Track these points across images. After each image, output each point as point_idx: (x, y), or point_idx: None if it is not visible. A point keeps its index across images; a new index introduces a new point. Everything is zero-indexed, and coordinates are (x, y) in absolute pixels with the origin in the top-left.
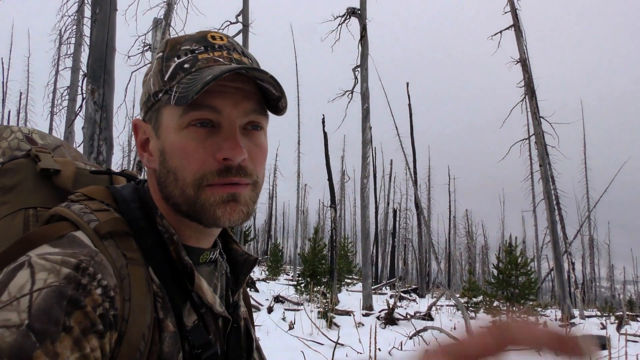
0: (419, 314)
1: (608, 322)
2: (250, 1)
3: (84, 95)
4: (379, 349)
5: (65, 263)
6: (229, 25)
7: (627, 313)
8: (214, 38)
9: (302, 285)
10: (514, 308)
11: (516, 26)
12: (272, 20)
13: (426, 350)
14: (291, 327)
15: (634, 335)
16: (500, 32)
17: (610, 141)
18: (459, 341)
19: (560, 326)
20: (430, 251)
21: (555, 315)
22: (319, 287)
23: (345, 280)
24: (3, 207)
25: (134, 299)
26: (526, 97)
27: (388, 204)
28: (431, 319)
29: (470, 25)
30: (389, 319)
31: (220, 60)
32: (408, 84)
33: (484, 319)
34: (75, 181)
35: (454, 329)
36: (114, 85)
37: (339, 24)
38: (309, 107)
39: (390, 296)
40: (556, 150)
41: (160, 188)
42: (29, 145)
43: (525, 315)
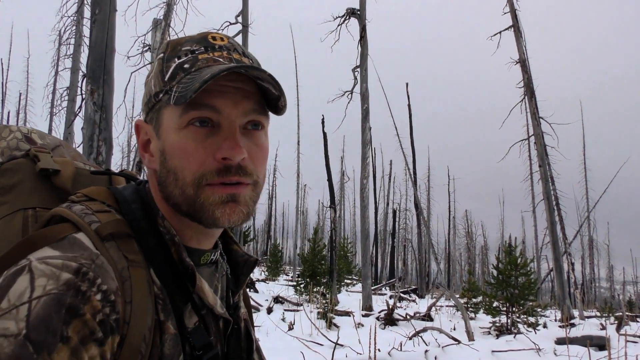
0: (418, 315)
1: (608, 323)
2: (250, 2)
3: (84, 95)
4: (379, 350)
5: (65, 267)
6: (228, 25)
7: (627, 313)
8: (214, 39)
9: (302, 285)
10: (514, 308)
11: (515, 27)
12: (272, 20)
13: None
14: (291, 328)
15: (634, 335)
16: (500, 33)
17: (609, 142)
18: None
19: (560, 327)
20: (430, 251)
21: (555, 316)
22: (318, 288)
23: (345, 280)
24: (2, 208)
25: (135, 302)
26: (525, 98)
27: (388, 204)
28: (431, 320)
29: (470, 25)
30: (389, 319)
31: (220, 60)
32: (407, 84)
33: (483, 320)
34: (74, 181)
35: (454, 329)
36: (113, 86)
37: (339, 25)
38: (309, 108)
39: (390, 297)
40: (556, 151)
41: (160, 188)
42: (28, 145)
43: (525, 316)
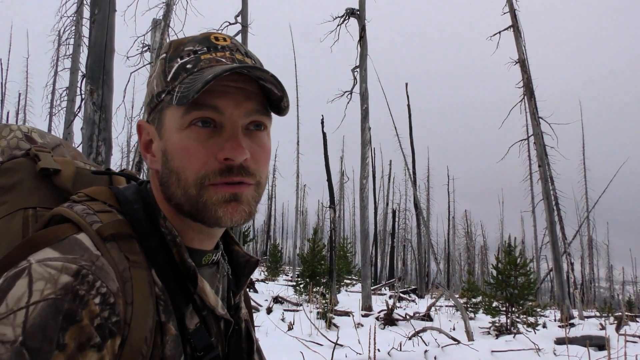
0: (418, 315)
1: (607, 323)
2: (250, 2)
3: (83, 96)
4: (378, 350)
5: (64, 269)
6: (228, 25)
7: (626, 313)
8: (217, 39)
9: (301, 285)
10: (513, 308)
11: (515, 27)
12: (271, 21)
13: None
14: (290, 328)
15: (633, 335)
16: (499, 33)
17: (609, 142)
18: None
19: (559, 327)
20: (430, 252)
21: (555, 316)
22: (318, 288)
23: (345, 280)
24: (2, 207)
25: (136, 303)
26: (525, 98)
27: (387, 204)
28: (430, 320)
29: (470, 25)
30: (388, 319)
31: (223, 60)
32: (407, 84)
33: (483, 320)
34: (75, 181)
35: (453, 329)
36: (112, 86)
37: (338, 25)
38: (308, 108)
39: (390, 297)
40: (555, 151)
41: (162, 189)
42: (29, 144)
43: (525, 316)
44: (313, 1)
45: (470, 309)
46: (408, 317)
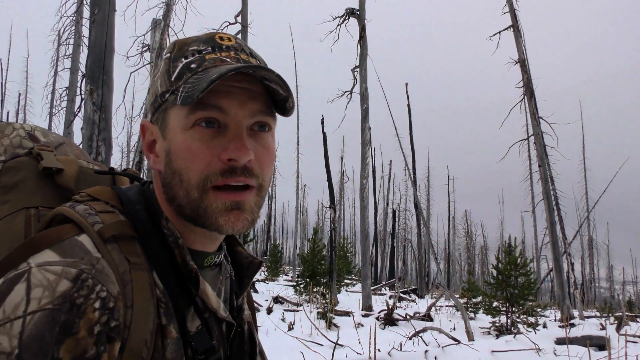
0: (418, 315)
1: (607, 323)
2: (249, 2)
3: (83, 96)
4: (379, 350)
5: (64, 274)
6: (227, 25)
7: (627, 313)
8: (221, 39)
9: (302, 285)
10: (514, 309)
11: (515, 27)
12: (271, 21)
13: None
14: (290, 328)
15: (634, 335)
16: (499, 33)
17: (609, 142)
18: None
19: (559, 327)
20: (430, 252)
21: (555, 316)
22: (318, 288)
23: (345, 280)
24: (4, 207)
25: (137, 305)
26: (525, 98)
27: (387, 204)
28: (430, 320)
29: (470, 25)
30: (389, 319)
31: (228, 60)
32: (407, 84)
33: (483, 320)
34: (77, 180)
35: (454, 329)
36: (112, 86)
37: (338, 25)
38: (308, 108)
39: (390, 297)
40: (555, 151)
41: (165, 190)
42: (32, 142)
43: (525, 316)
44: (313, 1)
45: (470, 309)
46: (408, 317)
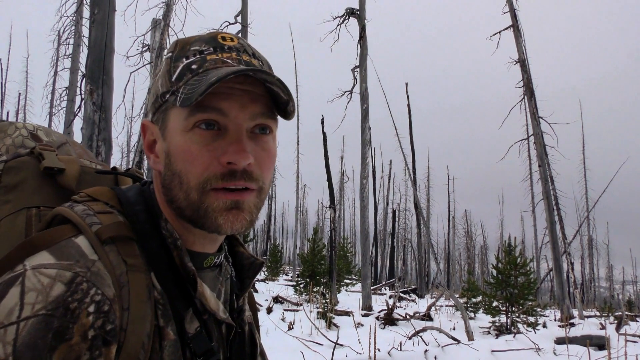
0: (418, 314)
1: (607, 323)
2: (249, 2)
3: (83, 95)
4: (379, 349)
5: (59, 277)
6: (227, 25)
7: (626, 313)
8: (224, 39)
9: (302, 285)
10: (513, 308)
11: (515, 26)
12: (271, 20)
13: None
14: (290, 328)
15: (633, 335)
16: (499, 33)
17: (609, 141)
18: None
19: (559, 326)
20: (430, 251)
21: (555, 316)
22: (318, 288)
23: (345, 280)
24: (5, 206)
25: (133, 307)
26: (525, 97)
27: (387, 204)
28: (430, 320)
29: (470, 25)
30: (388, 319)
31: (229, 61)
32: (407, 84)
33: (483, 319)
34: (79, 180)
35: (453, 329)
36: (112, 86)
37: (338, 25)
38: (308, 108)
39: (390, 296)
40: (555, 150)
41: (164, 191)
42: (34, 142)
43: (525, 316)
44: (313, 1)
45: (470, 309)
46: (408, 317)
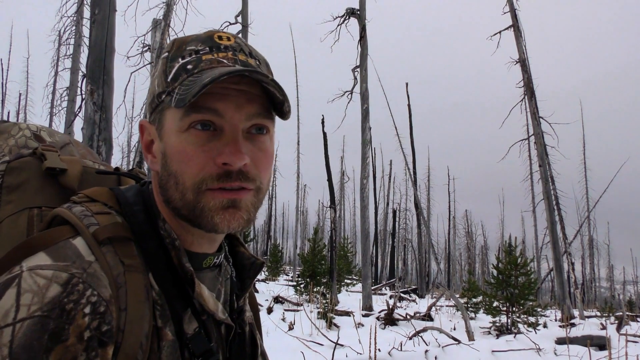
0: (418, 315)
1: (608, 323)
2: (250, 2)
3: (83, 96)
4: (379, 350)
5: (55, 278)
6: (228, 25)
7: (627, 313)
8: (220, 38)
9: (302, 285)
10: (514, 308)
11: (515, 26)
12: (272, 21)
13: None
14: (291, 328)
15: (634, 335)
16: (500, 33)
17: (609, 141)
18: None
19: (560, 326)
20: (430, 251)
21: (555, 316)
22: (318, 288)
23: (345, 280)
24: (8, 207)
25: (131, 308)
26: (525, 97)
27: (388, 204)
28: (431, 320)
29: (470, 25)
30: (389, 319)
31: (224, 61)
32: (407, 84)
33: (483, 320)
34: (81, 180)
35: (454, 329)
36: (113, 86)
37: (339, 25)
38: (309, 108)
39: (390, 296)
40: (555, 150)
41: (161, 191)
42: (37, 143)
43: (525, 316)
44: (313, 1)
45: (470, 309)
46: (409, 317)
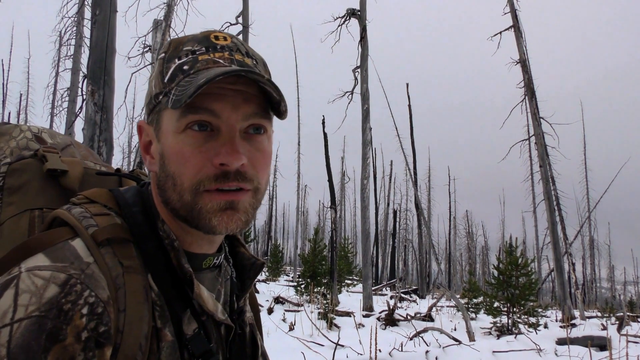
0: (419, 315)
1: (609, 323)
2: (250, 2)
3: (84, 96)
4: (380, 350)
5: (53, 279)
6: (229, 26)
7: (628, 314)
8: (217, 38)
9: (302, 286)
10: (515, 309)
11: (516, 27)
12: (272, 21)
13: None
14: (291, 328)
15: (635, 336)
16: (500, 33)
17: (610, 142)
18: None
19: (561, 327)
20: (431, 252)
21: (556, 316)
22: (319, 288)
23: (346, 281)
24: (9, 208)
25: (130, 309)
26: (526, 98)
27: (388, 204)
28: (431, 320)
29: (471, 26)
30: (390, 319)
31: (221, 61)
32: (408, 84)
33: (484, 320)
34: (82, 182)
35: (455, 330)
36: (114, 87)
37: (339, 25)
38: (309, 108)
39: (391, 297)
40: (556, 151)
41: (159, 192)
42: (38, 144)
43: (526, 316)
44: (314, 2)
45: (471, 310)
46: (409, 318)
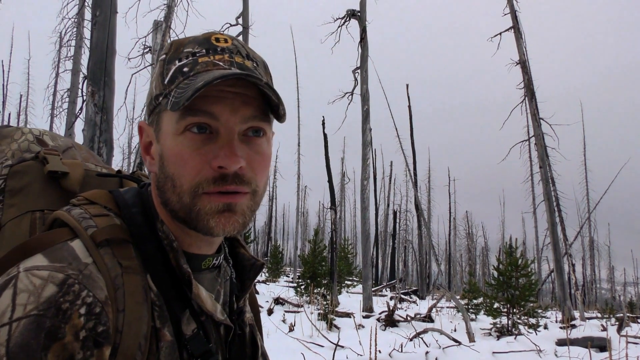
0: (419, 316)
1: (609, 324)
2: (251, 3)
3: (84, 97)
4: (379, 351)
5: (51, 279)
6: (229, 27)
7: (628, 315)
8: (217, 40)
9: (302, 287)
10: (514, 310)
11: (516, 28)
12: (272, 22)
13: None
14: (291, 329)
15: (635, 337)
16: (500, 34)
17: (610, 142)
18: None
19: (560, 328)
20: (431, 253)
21: (556, 317)
22: (319, 289)
23: (346, 282)
24: (10, 210)
25: (129, 309)
26: (526, 99)
27: (388, 205)
28: (431, 321)
29: (470, 26)
30: (389, 320)
31: (220, 64)
32: (408, 85)
33: (484, 321)
34: (83, 184)
35: (454, 330)
36: (114, 88)
37: (339, 26)
38: (309, 109)
39: (391, 298)
40: (556, 152)
41: (159, 193)
42: (39, 147)
43: (526, 317)
44: (314, 2)
45: (471, 310)
46: (409, 318)
